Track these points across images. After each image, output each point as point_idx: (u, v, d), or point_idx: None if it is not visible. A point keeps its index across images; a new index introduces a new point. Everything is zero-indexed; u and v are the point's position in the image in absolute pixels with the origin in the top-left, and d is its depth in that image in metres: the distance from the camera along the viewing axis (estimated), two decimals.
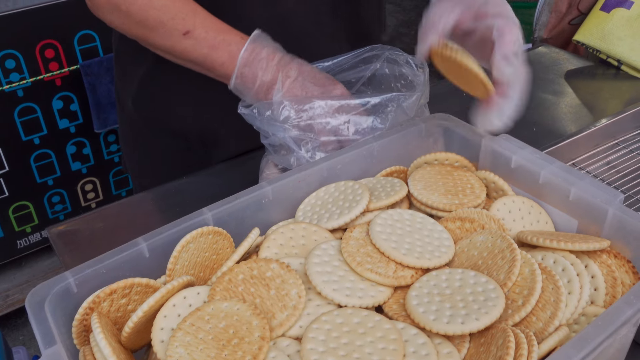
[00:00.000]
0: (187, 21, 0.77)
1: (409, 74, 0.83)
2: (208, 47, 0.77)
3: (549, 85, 1.21)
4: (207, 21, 0.78)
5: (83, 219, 0.94)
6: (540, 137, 1.05)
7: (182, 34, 0.77)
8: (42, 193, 1.83)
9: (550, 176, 0.61)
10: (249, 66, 0.76)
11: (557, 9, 1.48)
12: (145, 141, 1.02)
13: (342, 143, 0.76)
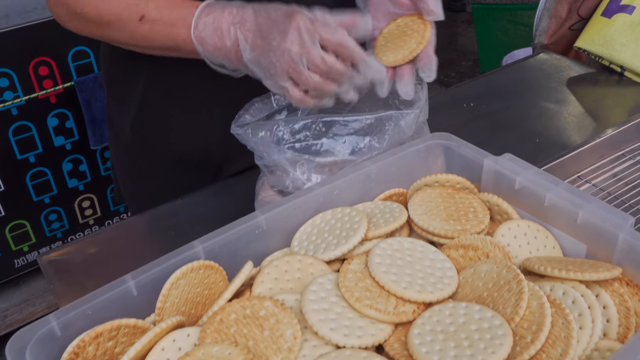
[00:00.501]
0: (140, 6, 0.75)
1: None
2: (165, 26, 0.74)
3: (551, 93, 1.19)
4: (161, 1, 0.75)
5: (75, 245, 0.91)
6: (544, 148, 1.02)
7: (137, 20, 0.75)
8: (39, 211, 1.81)
9: (556, 199, 0.59)
10: (207, 35, 0.72)
11: (557, 14, 1.45)
12: (143, 166, 1.00)
13: (338, 164, 0.73)
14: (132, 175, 1.02)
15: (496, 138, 1.06)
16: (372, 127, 0.72)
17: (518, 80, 1.24)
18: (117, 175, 1.06)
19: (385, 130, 0.72)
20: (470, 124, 1.10)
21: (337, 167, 0.73)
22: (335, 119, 0.72)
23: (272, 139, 0.77)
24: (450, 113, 1.14)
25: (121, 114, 0.96)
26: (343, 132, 0.73)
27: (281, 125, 0.75)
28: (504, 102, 1.16)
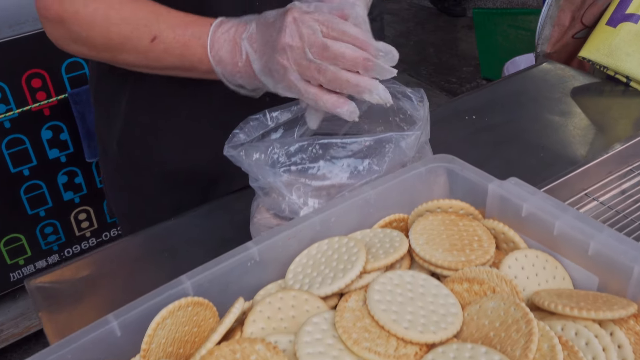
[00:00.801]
0: (151, 27, 0.72)
1: (408, 107, 0.77)
2: (180, 47, 0.71)
3: (555, 105, 1.15)
4: (173, 19, 0.72)
5: (66, 269, 0.88)
6: (549, 163, 0.99)
7: (149, 42, 0.72)
8: (34, 224, 1.78)
9: (566, 227, 0.55)
10: (224, 54, 0.70)
11: (560, 22, 1.42)
12: (133, 184, 0.97)
13: (336, 187, 0.70)
14: (122, 192, 0.99)
15: (499, 152, 1.03)
16: (371, 149, 0.69)
17: (521, 91, 1.20)
18: (108, 191, 1.03)
19: (385, 153, 0.68)
20: (472, 138, 1.07)
21: (334, 190, 0.70)
22: (332, 141, 0.69)
23: (267, 161, 0.74)
24: (451, 127, 1.11)
25: (108, 129, 0.93)
26: (341, 155, 0.70)
27: (276, 147, 0.72)
28: (507, 114, 1.13)
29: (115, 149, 0.93)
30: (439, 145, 0.82)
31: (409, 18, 3.81)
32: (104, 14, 0.73)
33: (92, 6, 0.73)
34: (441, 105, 1.19)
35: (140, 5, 0.73)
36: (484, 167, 1.02)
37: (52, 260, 1.87)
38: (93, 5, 0.73)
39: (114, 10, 0.73)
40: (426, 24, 3.77)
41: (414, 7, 3.94)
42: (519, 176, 0.99)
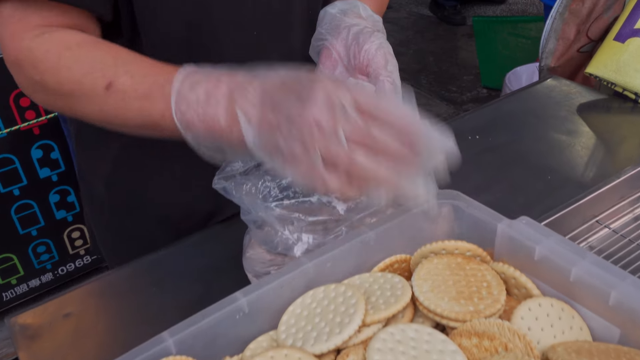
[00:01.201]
0: (107, 71, 0.60)
1: None
2: (138, 96, 0.59)
3: (561, 123, 1.11)
4: (132, 64, 0.61)
5: (50, 305, 0.84)
6: (557, 186, 0.94)
7: (104, 89, 0.59)
8: (26, 244, 1.74)
9: (584, 274, 0.51)
10: (194, 113, 0.55)
11: (565, 35, 1.37)
12: (123, 224, 0.91)
13: (332, 221, 0.65)
14: (111, 232, 0.93)
15: (505, 175, 0.98)
16: None
17: (526, 110, 1.16)
18: (93, 229, 0.97)
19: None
20: (476, 159, 1.03)
21: (330, 224, 0.66)
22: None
23: (259, 193, 0.70)
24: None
25: (94, 170, 0.87)
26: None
27: (268, 180, 0.68)
28: (512, 134, 1.09)
29: (103, 190, 0.88)
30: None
31: (408, 27, 3.77)
32: (56, 54, 0.62)
33: (46, 46, 0.63)
34: (441, 124, 1.14)
35: (100, 47, 0.63)
36: (488, 191, 0.98)
37: (45, 279, 1.83)
38: (47, 45, 0.63)
39: (69, 51, 0.62)
40: (425, 33, 3.73)
41: (413, 16, 3.90)
42: (526, 200, 0.95)
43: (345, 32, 0.69)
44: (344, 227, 0.65)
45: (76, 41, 0.63)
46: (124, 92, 0.59)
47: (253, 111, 0.52)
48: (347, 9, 0.72)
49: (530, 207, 0.90)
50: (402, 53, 3.48)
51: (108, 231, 0.95)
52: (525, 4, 3.95)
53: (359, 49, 0.67)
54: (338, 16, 0.71)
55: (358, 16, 0.71)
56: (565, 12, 1.38)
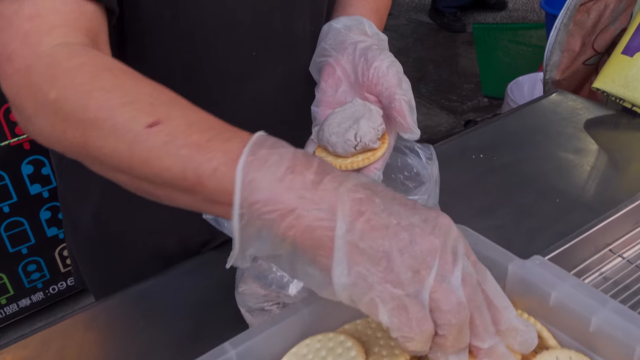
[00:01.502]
0: (157, 108, 0.46)
1: (415, 164, 0.68)
2: (189, 144, 0.44)
3: (568, 141, 1.07)
4: (193, 113, 0.47)
5: (34, 338, 0.79)
6: (567, 210, 0.90)
7: (145, 125, 0.45)
8: (16, 262, 1.69)
9: (605, 324, 0.46)
10: (263, 188, 0.41)
11: (570, 47, 1.33)
12: (110, 258, 0.87)
13: None
14: (98, 266, 0.88)
15: (511, 197, 0.94)
16: None
17: (531, 127, 1.12)
18: (78, 263, 0.92)
19: None
20: (480, 180, 0.98)
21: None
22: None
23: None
24: (457, 167, 1.02)
25: (80, 202, 0.83)
26: None
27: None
28: (517, 152, 1.04)
29: (90, 223, 0.83)
30: (443, 191, 0.74)
31: (408, 34, 3.74)
32: (92, 72, 0.49)
33: (79, 59, 0.50)
34: (444, 142, 1.10)
35: (153, 83, 0.49)
36: (494, 215, 0.94)
37: (36, 298, 1.78)
38: (81, 58, 0.50)
39: (110, 72, 0.49)
40: (425, 40, 3.70)
41: (413, 23, 3.87)
42: (534, 226, 0.91)
43: (351, 48, 0.64)
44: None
45: (119, 66, 0.51)
46: (171, 135, 0.45)
47: (360, 218, 0.40)
48: (352, 25, 0.68)
49: (539, 233, 0.86)
50: (402, 61, 3.40)
51: (92, 262, 0.90)
52: (525, 10, 3.91)
53: (367, 66, 0.63)
54: (343, 32, 0.67)
55: (363, 33, 0.67)
56: (570, 23, 1.34)
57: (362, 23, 0.67)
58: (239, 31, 0.67)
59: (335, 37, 0.66)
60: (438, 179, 0.66)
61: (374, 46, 0.63)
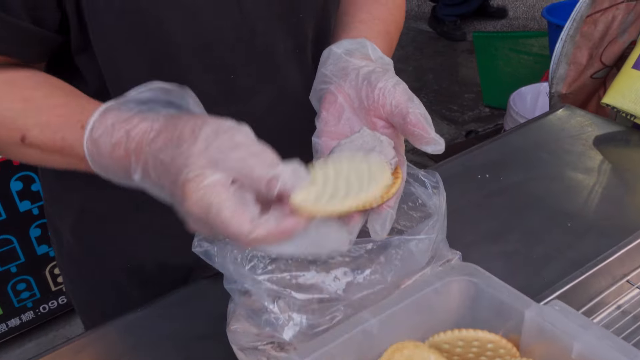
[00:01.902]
0: (18, 122, 0.57)
1: (420, 194, 0.64)
2: (53, 152, 0.57)
3: (578, 159, 1.02)
4: (41, 113, 0.57)
5: None
6: (579, 235, 0.85)
7: (19, 141, 0.57)
8: (5, 281, 1.64)
9: None
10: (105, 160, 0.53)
11: (576, 60, 1.29)
12: (93, 276, 0.82)
13: (328, 302, 0.56)
14: (81, 284, 0.84)
15: (519, 221, 0.89)
16: (373, 255, 0.55)
17: (538, 144, 1.07)
18: (64, 280, 0.88)
19: (390, 260, 0.55)
20: (486, 203, 0.93)
21: (326, 305, 0.56)
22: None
23: (245, 262, 0.61)
24: (461, 187, 0.97)
25: (60, 215, 0.79)
26: (335, 262, 0.56)
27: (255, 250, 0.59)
28: (524, 172, 1.00)
29: (70, 237, 0.79)
30: (449, 215, 0.68)
31: (407, 42, 3.70)
32: None
33: None
34: (447, 161, 1.05)
35: (10, 89, 0.59)
36: (501, 240, 0.89)
37: (26, 317, 1.73)
38: None
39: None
40: (425, 49, 3.66)
41: (412, 31, 3.83)
42: (545, 252, 0.85)
43: (353, 74, 0.59)
44: (342, 307, 0.56)
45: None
46: (39, 146, 0.57)
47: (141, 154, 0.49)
48: (354, 49, 0.62)
49: (550, 261, 0.81)
50: (401, 70, 3.40)
51: (78, 285, 0.86)
52: (526, 19, 3.88)
53: (372, 88, 0.58)
54: (344, 57, 0.61)
55: (366, 57, 0.61)
56: (577, 35, 1.30)
57: (365, 46, 0.62)
58: (215, 53, 0.62)
59: (336, 63, 0.61)
60: (446, 211, 0.61)
61: (378, 69, 0.59)
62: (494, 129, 2.88)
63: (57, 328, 1.84)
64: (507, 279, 0.77)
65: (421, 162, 2.72)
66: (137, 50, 0.60)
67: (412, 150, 2.66)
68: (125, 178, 0.52)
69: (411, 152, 2.75)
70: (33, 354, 0.75)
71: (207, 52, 0.62)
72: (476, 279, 0.51)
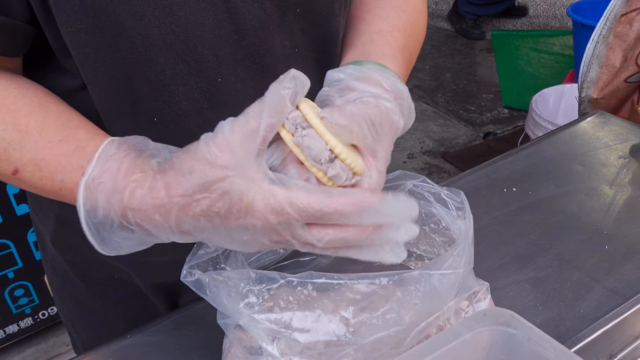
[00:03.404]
0: (12, 154, 0.52)
1: (443, 215, 0.55)
2: (51, 191, 0.54)
3: (614, 172, 0.93)
4: (39, 149, 0.53)
5: None
6: (617, 260, 0.77)
7: (11, 173, 0.54)
8: (2, 287, 1.58)
9: None
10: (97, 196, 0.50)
11: (609, 63, 1.20)
12: (76, 291, 0.75)
13: (335, 346, 0.48)
14: (66, 300, 0.78)
15: (550, 242, 0.80)
16: (389, 293, 0.47)
17: (570, 155, 0.98)
18: (53, 295, 0.82)
19: (409, 298, 0.46)
20: (513, 220, 0.85)
21: (332, 350, 0.48)
22: (332, 281, 0.47)
23: (240, 296, 0.52)
24: (485, 203, 0.88)
25: (42, 222, 0.73)
26: (344, 300, 0.48)
27: (253, 281, 0.50)
28: (555, 186, 0.91)
29: (51, 248, 0.72)
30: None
31: (424, 41, 3.60)
32: None
33: None
34: (470, 172, 0.96)
35: (4, 111, 0.52)
36: (532, 264, 0.79)
37: (24, 324, 1.67)
38: None
39: None
40: (442, 47, 3.56)
41: (430, 29, 3.73)
42: (581, 279, 0.75)
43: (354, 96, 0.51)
44: (351, 351, 0.48)
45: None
46: (33, 183, 0.53)
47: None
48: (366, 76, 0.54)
49: (586, 289, 0.72)
50: (418, 69, 3.31)
51: (63, 300, 0.79)
52: (547, 17, 3.76)
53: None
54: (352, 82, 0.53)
55: (378, 84, 0.53)
56: (610, 35, 1.20)
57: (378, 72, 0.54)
58: (197, 54, 0.55)
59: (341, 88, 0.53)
60: (472, 236, 0.53)
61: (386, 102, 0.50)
62: (513, 131, 2.78)
63: (57, 334, 1.78)
64: (537, 311, 0.69)
65: (438, 164, 2.63)
66: (110, 50, 0.52)
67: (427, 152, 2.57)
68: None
69: (427, 154, 2.67)
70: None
71: (189, 52, 0.54)
72: (513, 329, 0.43)
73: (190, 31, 0.53)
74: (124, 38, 0.51)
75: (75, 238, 0.70)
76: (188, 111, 0.56)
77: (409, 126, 0.54)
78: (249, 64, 0.57)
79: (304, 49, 0.60)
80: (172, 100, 0.55)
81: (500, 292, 0.72)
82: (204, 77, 0.55)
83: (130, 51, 0.52)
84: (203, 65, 0.55)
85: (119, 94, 0.55)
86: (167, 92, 0.55)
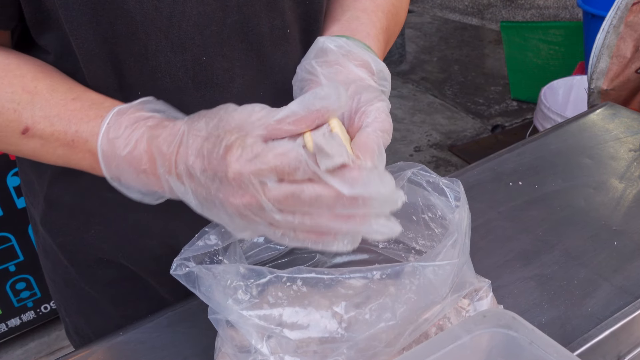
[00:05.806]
0: (22, 113, 0.53)
1: (440, 205, 0.53)
2: (61, 145, 0.53)
3: (625, 166, 0.90)
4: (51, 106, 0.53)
5: None
6: (627, 257, 0.74)
7: (20, 133, 0.54)
8: (4, 281, 1.57)
9: None
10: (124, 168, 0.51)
11: (620, 53, 1.16)
12: (66, 273, 0.74)
13: (327, 342, 0.46)
14: (58, 284, 0.77)
15: (557, 238, 0.77)
16: (381, 287, 0.45)
17: (578, 148, 0.95)
18: (46, 279, 0.81)
19: (404, 291, 0.44)
20: (518, 215, 0.82)
21: (325, 346, 0.46)
22: (322, 276, 0.45)
23: (230, 291, 0.50)
24: (490, 197, 0.86)
25: (33, 204, 0.71)
26: (336, 295, 0.46)
27: (242, 276, 0.48)
28: (562, 180, 0.88)
29: (42, 231, 0.71)
30: (473, 228, 0.58)
31: (432, 32, 3.56)
32: None
33: None
34: (475, 166, 0.93)
35: (11, 76, 0.53)
36: (538, 261, 0.77)
37: (27, 317, 1.66)
38: None
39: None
40: (450, 39, 3.52)
41: (437, 21, 3.69)
42: (589, 277, 0.72)
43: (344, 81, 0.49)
44: (344, 349, 0.45)
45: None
46: (44, 139, 0.53)
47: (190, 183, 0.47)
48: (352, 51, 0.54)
49: (594, 287, 0.69)
50: (426, 61, 3.27)
51: (58, 287, 0.78)
52: (557, 8, 3.70)
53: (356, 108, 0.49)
54: (341, 58, 0.53)
55: (364, 64, 0.53)
56: (621, 25, 1.17)
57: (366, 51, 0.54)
58: (181, 31, 0.53)
59: (329, 61, 0.53)
60: (469, 228, 0.51)
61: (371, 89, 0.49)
62: (522, 124, 2.74)
63: (60, 327, 1.77)
64: (542, 310, 0.67)
65: (445, 157, 2.60)
66: (94, 23, 0.51)
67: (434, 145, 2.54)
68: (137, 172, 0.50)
69: (434, 147, 2.64)
70: (35, 353, 0.68)
71: (172, 28, 0.53)
72: (514, 331, 0.40)
73: (173, 6, 0.52)
74: (106, 10, 0.50)
75: (63, 219, 0.69)
76: (171, 89, 0.55)
77: None
78: (234, 43, 0.56)
79: (294, 30, 0.58)
80: (155, 75, 0.55)
81: (504, 289, 0.70)
82: (188, 54, 0.55)
83: (113, 24, 0.51)
84: (187, 42, 0.54)
85: (104, 68, 0.55)
86: (150, 68, 0.54)
